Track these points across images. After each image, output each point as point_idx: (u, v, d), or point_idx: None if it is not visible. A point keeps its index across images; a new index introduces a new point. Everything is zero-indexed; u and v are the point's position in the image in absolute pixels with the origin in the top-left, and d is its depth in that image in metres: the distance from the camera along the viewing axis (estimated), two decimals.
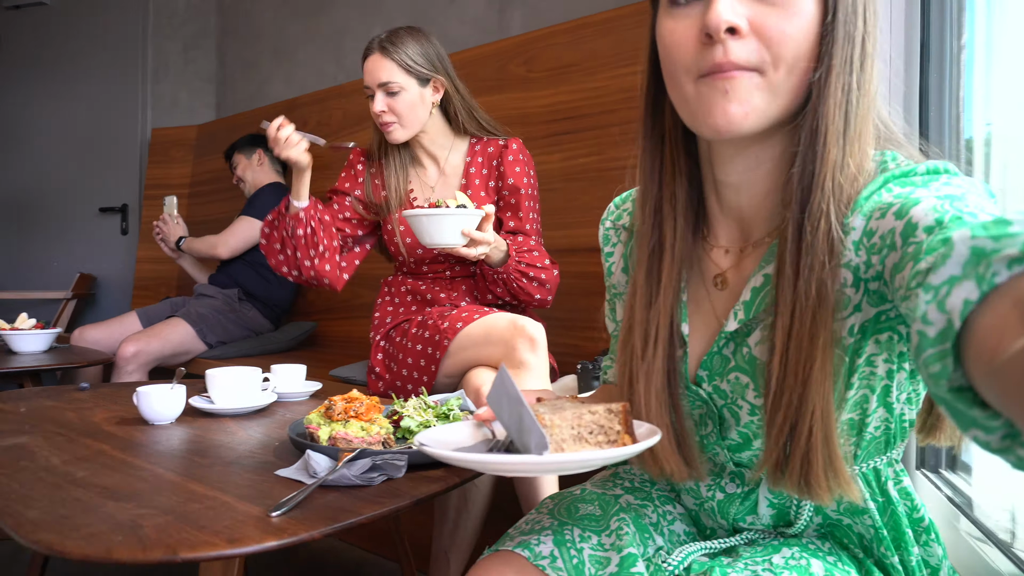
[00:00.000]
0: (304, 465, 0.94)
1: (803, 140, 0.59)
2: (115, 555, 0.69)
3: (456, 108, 1.70)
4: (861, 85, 0.58)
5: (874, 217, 0.57)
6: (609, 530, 0.75)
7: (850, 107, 0.58)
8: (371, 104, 1.65)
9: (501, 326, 1.42)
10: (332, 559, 1.99)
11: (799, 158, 0.59)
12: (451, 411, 1.08)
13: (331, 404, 1.03)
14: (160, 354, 2.30)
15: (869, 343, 0.62)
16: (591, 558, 0.71)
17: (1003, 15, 1.13)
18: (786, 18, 0.57)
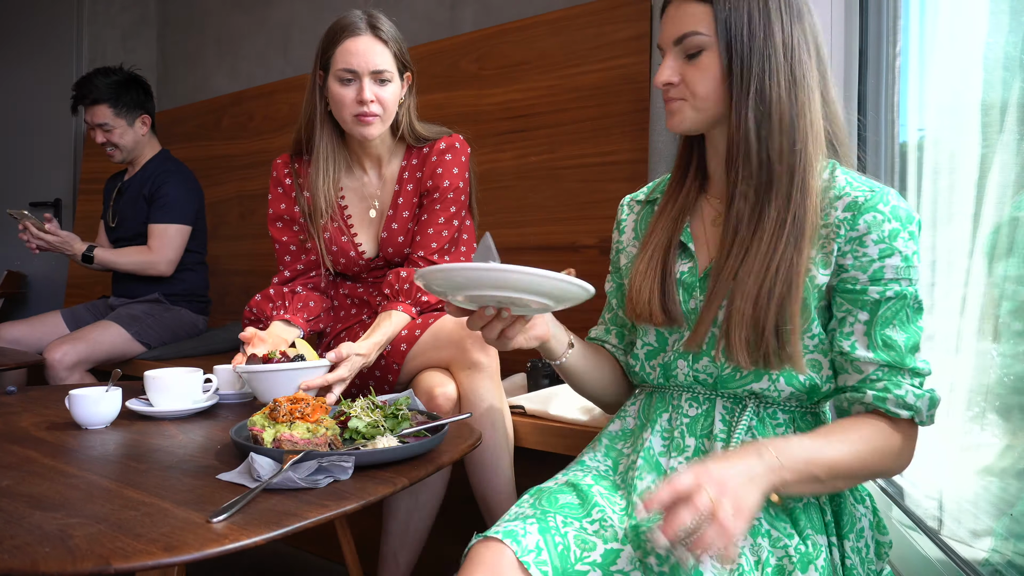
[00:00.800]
0: (247, 468, 0.91)
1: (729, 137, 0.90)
2: (42, 567, 0.65)
3: (406, 110, 1.52)
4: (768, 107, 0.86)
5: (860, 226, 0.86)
6: (592, 519, 0.84)
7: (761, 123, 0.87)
8: (342, 90, 1.41)
9: (449, 328, 1.38)
10: (277, 564, 1.95)
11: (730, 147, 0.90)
12: (400, 411, 1.06)
13: (276, 405, 1.00)
14: (89, 357, 2.20)
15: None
16: (576, 539, 0.81)
17: (935, 24, 1.18)
18: (696, 71, 0.89)
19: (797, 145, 0.85)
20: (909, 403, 0.84)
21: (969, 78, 1.05)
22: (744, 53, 0.86)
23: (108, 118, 2.39)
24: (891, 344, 0.85)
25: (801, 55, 0.86)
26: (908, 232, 0.85)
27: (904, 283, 0.84)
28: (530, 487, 0.95)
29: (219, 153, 3.00)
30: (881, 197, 0.85)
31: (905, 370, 0.85)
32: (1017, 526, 0.90)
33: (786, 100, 0.86)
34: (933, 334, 1.16)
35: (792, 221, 0.85)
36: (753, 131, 0.86)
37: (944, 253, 1.11)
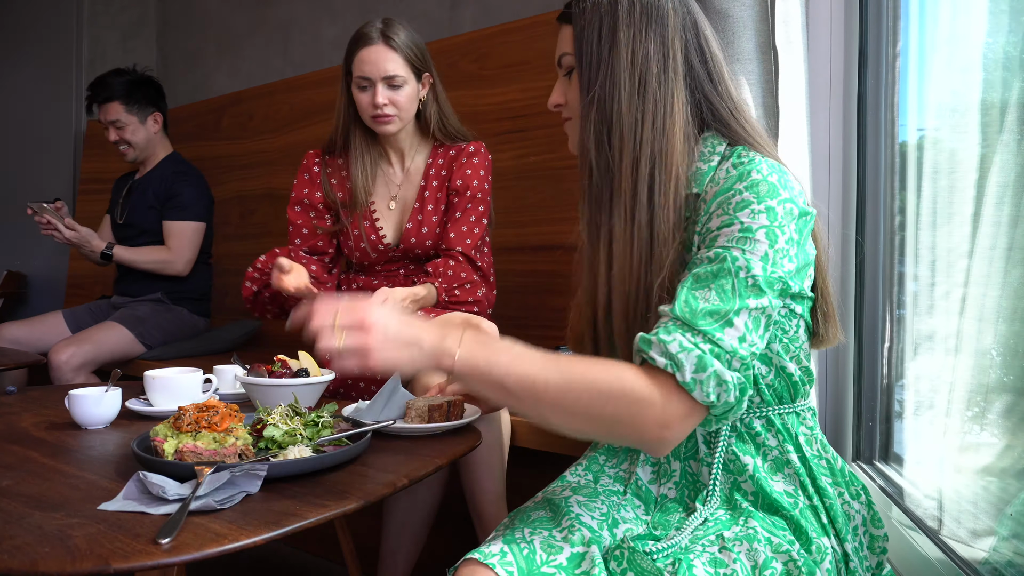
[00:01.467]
0: (142, 488, 0.82)
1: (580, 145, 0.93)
2: (41, 567, 0.65)
3: (430, 111, 1.66)
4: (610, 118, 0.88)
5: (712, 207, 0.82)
6: (561, 527, 0.83)
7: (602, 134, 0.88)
8: (360, 95, 1.57)
9: (452, 323, 1.41)
10: (276, 564, 1.95)
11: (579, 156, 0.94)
12: (321, 418, 1.01)
13: (181, 413, 0.93)
14: (95, 358, 2.20)
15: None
16: (542, 544, 0.81)
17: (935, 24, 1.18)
18: (572, 90, 0.94)
19: (637, 153, 0.85)
20: (670, 351, 0.74)
21: (969, 78, 1.05)
22: (592, 67, 0.88)
23: (120, 114, 2.43)
24: (691, 302, 0.77)
25: (650, 64, 0.85)
26: (764, 206, 0.78)
27: (735, 251, 0.77)
28: (529, 487, 0.95)
29: (219, 153, 3.00)
30: (740, 175, 0.81)
31: (694, 330, 0.75)
32: (1017, 526, 0.90)
33: (626, 111, 0.86)
34: (933, 334, 1.16)
35: (638, 232, 0.84)
36: (593, 142, 0.87)
37: (944, 253, 1.11)
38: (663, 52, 0.86)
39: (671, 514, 0.90)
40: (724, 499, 0.89)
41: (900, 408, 1.28)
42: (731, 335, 0.75)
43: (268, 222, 2.77)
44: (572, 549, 0.81)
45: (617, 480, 0.97)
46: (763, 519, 0.84)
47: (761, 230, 0.78)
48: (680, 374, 0.74)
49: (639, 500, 0.93)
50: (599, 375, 0.75)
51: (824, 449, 0.93)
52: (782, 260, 0.78)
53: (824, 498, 0.88)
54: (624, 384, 0.75)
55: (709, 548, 0.81)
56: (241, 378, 1.25)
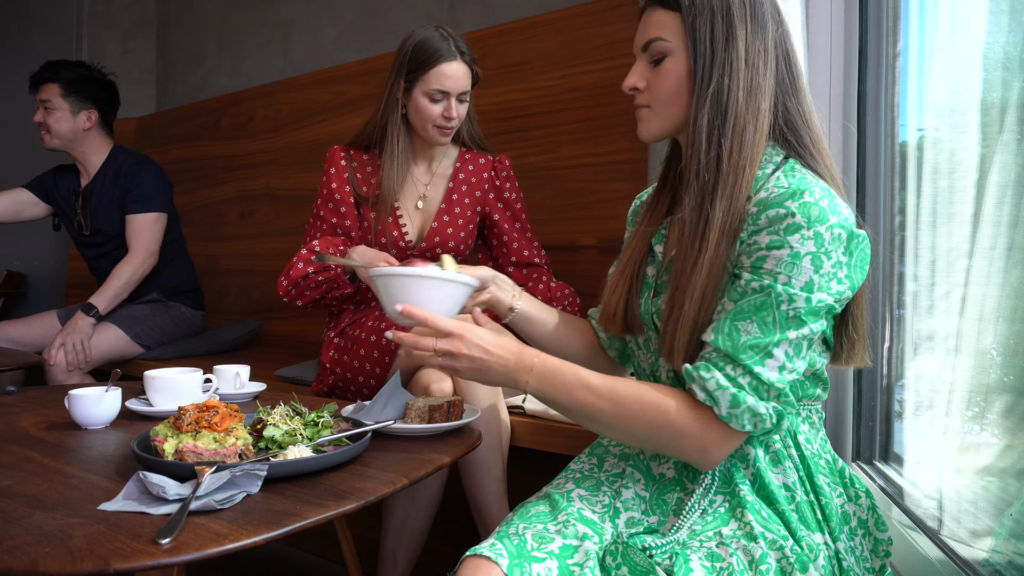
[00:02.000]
0: (142, 488, 0.83)
1: (686, 141, 0.94)
2: (41, 567, 0.65)
3: (468, 116, 1.71)
4: (724, 110, 0.88)
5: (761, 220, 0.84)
6: (557, 521, 0.85)
7: (714, 125, 0.89)
8: (432, 106, 1.58)
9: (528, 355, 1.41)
10: (276, 564, 1.95)
11: (686, 151, 0.95)
12: (321, 418, 1.01)
13: (181, 413, 0.93)
14: (92, 363, 2.20)
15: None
16: (534, 536, 0.83)
17: (935, 24, 1.18)
18: (659, 77, 0.92)
19: (745, 150, 0.88)
20: (708, 388, 0.82)
21: (969, 78, 1.05)
22: (706, 58, 0.89)
23: (53, 96, 2.33)
24: (733, 335, 0.82)
25: (759, 64, 0.89)
26: (813, 232, 0.81)
27: (781, 279, 0.81)
28: (528, 487, 0.96)
29: (219, 153, 3.00)
30: (793, 194, 0.83)
31: (735, 363, 0.81)
32: (1017, 526, 0.90)
33: (742, 105, 0.88)
34: (933, 334, 1.16)
35: (730, 222, 0.87)
36: (705, 132, 0.88)
37: (944, 253, 1.11)
38: (766, 54, 0.89)
39: (668, 493, 0.92)
40: (723, 480, 0.90)
41: (900, 408, 1.28)
42: (771, 366, 0.82)
43: (268, 222, 2.77)
44: (564, 540, 0.83)
45: (621, 458, 0.99)
46: (758, 512, 0.86)
47: (808, 256, 0.81)
48: (717, 409, 0.82)
49: (639, 474, 0.95)
50: (646, 408, 0.85)
51: (824, 449, 0.94)
52: (829, 283, 0.82)
53: (820, 496, 0.89)
54: (668, 417, 0.84)
55: (707, 544, 0.83)
56: (376, 270, 0.96)
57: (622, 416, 0.85)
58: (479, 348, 0.86)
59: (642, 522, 0.91)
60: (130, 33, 3.57)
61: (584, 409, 0.87)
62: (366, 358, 1.54)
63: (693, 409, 0.84)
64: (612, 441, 1.04)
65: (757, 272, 0.83)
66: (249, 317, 2.76)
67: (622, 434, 0.88)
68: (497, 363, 0.87)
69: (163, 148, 3.21)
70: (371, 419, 1.14)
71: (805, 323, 0.82)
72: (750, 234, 0.85)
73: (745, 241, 0.86)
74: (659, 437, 0.85)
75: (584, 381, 0.86)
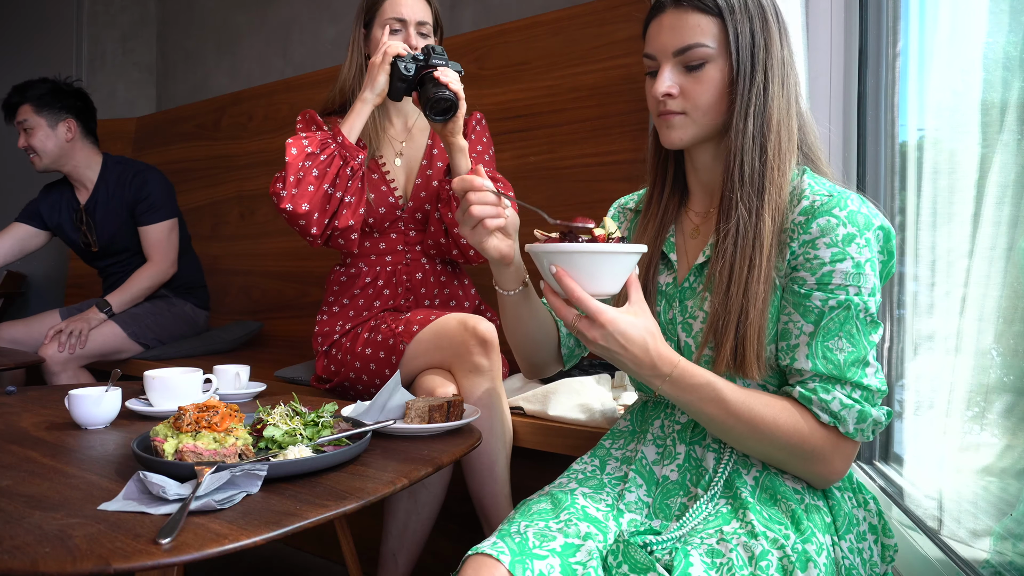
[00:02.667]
0: (143, 488, 0.82)
1: (731, 148, 0.91)
2: (41, 567, 0.65)
3: None
4: (768, 115, 0.89)
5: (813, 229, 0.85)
6: (559, 520, 0.86)
7: (757, 131, 0.89)
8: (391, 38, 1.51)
9: (451, 328, 1.37)
10: (276, 564, 1.95)
11: (729, 158, 0.91)
12: (321, 418, 1.01)
13: (181, 413, 0.93)
14: (83, 354, 2.20)
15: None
16: (536, 534, 0.83)
17: (935, 24, 1.18)
18: (699, 84, 0.90)
19: (784, 154, 0.89)
20: (833, 409, 0.83)
21: (969, 78, 1.05)
22: (747, 63, 0.89)
23: (28, 115, 2.30)
24: (830, 357, 0.84)
25: (789, 69, 0.91)
26: (864, 239, 0.84)
27: (853, 291, 0.84)
28: (529, 487, 0.96)
29: (219, 153, 3.00)
30: (838, 201, 0.85)
31: (844, 381, 0.84)
32: (1017, 526, 0.90)
33: (783, 110, 0.89)
34: (933, 334, 1.16)
35: (778, 228, 0.88)
36: (751, 142, 0.89)
37: (944, 253, 1.11)
38: (792, 58, 0.91)
39: (672, 497, 0.92)
40: (726, 485, 0.91)
41: (900, 408, 1.28)
42: (871, 373, 0.85)
43: (268, 222, 2.77)
44: (567, 539, 0.83)
45: (623, 462, 0.99)
46: (759, 512, 0.86)
47: (867, 263, 0.84)
48: (843, 426, 0.84)
49: (642, 479, 0.95)
50: (784, 430, 0.85)
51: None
52: (879, 283, 0.86)
53: (829, 498, 0.90)
54: (803, 438, 0.85)
55: (707, 540, 0.83)
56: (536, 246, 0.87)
57: (756, 436, 0.86)
58: (616, 341, 0.82)
59: (645, 525, 0.91)
60: (130, 33, 3.57)
61: (718, 424, 0.86)
62: (362, 369, 1.51)
63: (823, 429, 0.85)
64: (613, 444, 1.03)
65: (828, 289, 0.84)
66: (249, 317, 2.75)
67: (752, 451, 0.89)
68: (631, 361, 0.84)
69: (163, 148, 3.21)
70: (371, 419, 1.14)
71: (879, 324, 0.85)
72: (802, 244, 0.86)
73: (798, 253, 0.86)
74: (788, 456, 0.87)
75: (720, 397, 0.85)
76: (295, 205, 1.40)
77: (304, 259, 2.60)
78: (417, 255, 1.64)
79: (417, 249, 1.64)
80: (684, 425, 0.96)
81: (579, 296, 0.81)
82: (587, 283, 0.82)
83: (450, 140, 1.45)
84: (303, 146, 1.42)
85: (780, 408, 0.85)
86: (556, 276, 0.83)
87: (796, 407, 0.86)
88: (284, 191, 1.40)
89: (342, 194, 1.43)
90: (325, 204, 1.42)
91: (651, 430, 0.99)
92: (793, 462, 0.88)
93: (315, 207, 1.41)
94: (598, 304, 0.82)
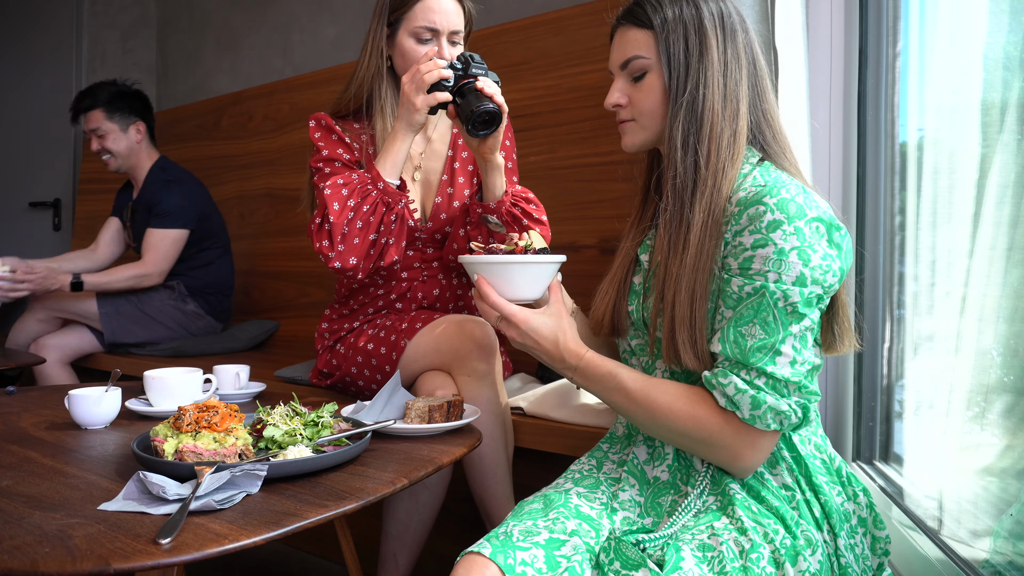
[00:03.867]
0: (143, 488, 0.82)
1: (666, 151, 0.97)
2: (41, 567, 0.65)
3: None
4: (700, 118, 0.92)
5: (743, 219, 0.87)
6: (547, 518, 0.87)
7: (689, 132, 0.93)
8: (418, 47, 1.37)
9: (450, 332, 1.35)
10: (275, 564, 1.95)
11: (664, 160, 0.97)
12: (321, 418, 1.01)
13: (181, 413, 0.93)
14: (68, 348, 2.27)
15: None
16: (521, 532, 0.84)
17: (935, 24, 1.18)
18: (641, 92, 0.98)
19: (723, 152, 0.91)
20: (728, 393, 0.85)
21: (969, 78, 1.05)
22: (680, 71, 0.93)
23: (101, 122, 2.41)
24: (739, 342, 0.85)
25: (733, 70, 0.93)
26: (794, 227, 0.84)
27: (772, 277, 0.83)
28: (529, 487, 0.96)
29: (219, 153, 3.00)
30: (770, 190, 0.86)
31: (748, 367, 0.84)
32: (1017, 526, 0.90)
33: (719, 111, 0.92)
34: (933, 334, 1.16)
35: (712, 222, 0.90)
36: (681, 140, 0.93)
37: (944, 253, 1.11)
38: (737, 62, 0.94)
39: (663, 496, 0.94)
40: (714, 482, 0.92)
41: (900, 408, 1.28)
42: (782, 363, 0.84)
43: (268, 222, 2.77)
44: (551, 535, 0.84)
45: (619, 464, 1.01)
46: (748, 508, 0.88)
47: (793, 252, 0.83)
48: (740, 412, 0.85)
49: (634, 479, 0.97)
50: (679, 415, 0.88)
51: (819, 449, 0.95)
52: (823, 276, 0.84)
53: (819, 495, 0.91)
54: (699, 423, 0.87)
55: (699, 536, 0.85)
56: (466, 258, 0.98)
57: (655, 422, 0.90)
58: (530, 337, 0.94)
59: (637, 523, 0.93)
60: (130, 33, 3.57)
61: (623, 410, 0.93)
62: (364, 363, 1.49)
63: (720, 415, 0.86)
64: (611, 448, 1.05)
65: (747, 274, 0.85)
66: (248, 317, 2.75)
67: (659, 437, 0.94)
68: (544, 353, 0.95)
69: (163, 148, 3.19)
70: (371, 419, 1.14)
71: (804, 315, 0.84)
72: (734, 234, 0.88)
73: (730, 242, 0.89)
74: (691, 442, 0.90)
75: (621, 386, 0.91)
76: (343, 262, 1.32)
77: (304, 259, 2.60)
78: (434, 271, 1.54)
79: (434, 265, 1.53)
80: None
81: (493, 300, 0.94)
82: (506, 290, 0.95)
83: (487, 157, 1.34)
84: (343, 197, 1.31)
85: (678, 395, 0.89)
86: (476, 284, 0.96)
87: (699, 393, 0.88)
88: (332, 252, 1.32)
89: (386, 238, 1.35)
90: (370, 251, 1.34)
91: (642, 432, 1.00)
92: (698, 448, 0.90)
93: (361, 257, 1.34)
94: (511, 307, 0.94)
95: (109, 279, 2.31)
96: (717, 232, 0.89)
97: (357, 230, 1.32)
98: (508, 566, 0.79)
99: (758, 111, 0.95)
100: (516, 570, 0.79)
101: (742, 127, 0.93)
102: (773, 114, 0.97)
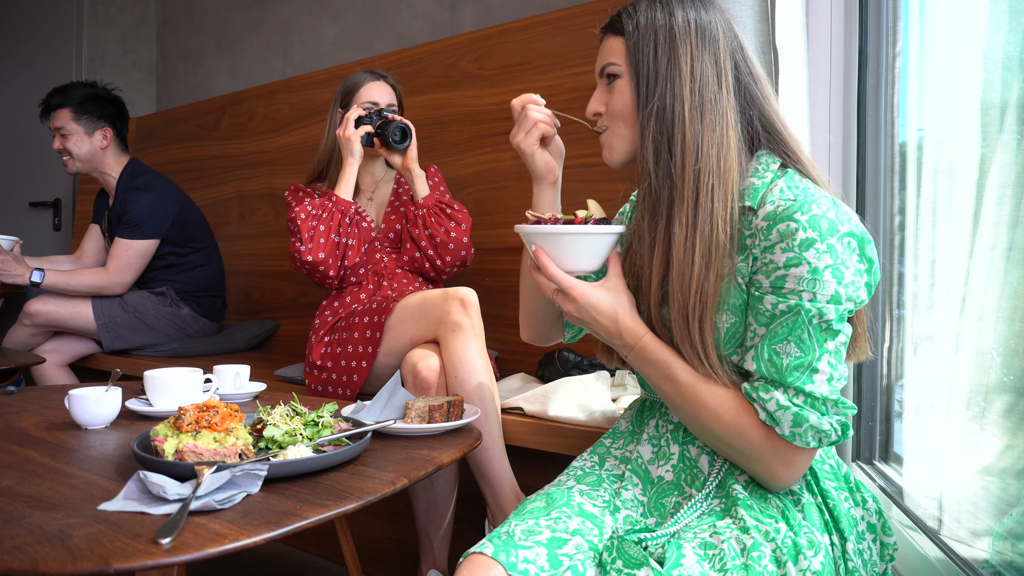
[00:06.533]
0: (143, 488, 0.83)
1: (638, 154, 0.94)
2: (41, 567, 0.65)
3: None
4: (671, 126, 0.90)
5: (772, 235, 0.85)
6: (549, 517, 0.86)
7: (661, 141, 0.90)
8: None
9: (435, 294, 1.52)
10: (275, 564, 1.95)
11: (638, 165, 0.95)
12: (321, 418, 1.02)
13: (181, 413, 0.93)
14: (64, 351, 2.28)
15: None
16: (523, 532, 0.84)
17: (935, 24, 1.18)
18: (612, 95, 0.96)
19: (700, 164, 0.88)
20: (769, 409, 0.83)
21: (969, 78, 1.05)
22: (650, 78, 0.91)
23: (66, 122, 2.34)
24: (775, 360, 0.83)
25: (708, 79, 0.89)
26: (827, 244, 0.82)
27: (806, 296, 0.82)
28: (529, 487, 0.96)
29: (219, 153, 3.00)
30: (801, 205, 0.83)
31: (785, 386, 0.83)
32: (1017, 526, 0.90)
33: (688, 123, 0.89)
34: (933, 334, 1.16)
35: (700, 239, 0.87)
36: (652, 148, 0.90)
37: (944, 253, 1.11)
38: (717, 69, 0.90)
39: (667, 496, 0.94)
40: (719, 486, 0.92)
41: (900, 408, 1.28)
42: (820, 380, 0.82)
43: (268, 222, 2.77)
44: (553, 533, 0.84)
45: (622, 460, 1.01)
46: (750, 508, 0.87)
47: (827, 270, 0.82)
48: (779, 428, 0.84)
49: (637, 479, 0.97)
50: (723, 421, 0.86)
51: (827, 454, 0.95)
52: (856, 293, 0.83)
53: (827, 499, 0.91)
54: (740, 433, 0.86)
55: (700, 535, 0.85)
56: (530, 228, 0.94)
57: (699, 419, 0.88)
58: (587, 312, 0.90)
59: (639, 523, 0.93)
60: (130, 33, 3.57)
61: (669, 401, 0.91)
62: (358, 343, 1.61)
63: (762, 428, 0.85)
64: (613, 443, 1.05)
65: (780, 293, 0.83)
66: (248, 317, 2.75)
67: (700, 436, 0.92)
68: (601, 330, 0.91)
69: (163, 148, 3.21)
70: (371, 419, 1.14)
71: (838, 331, 0.83)
72: (763, 250, 0.85)
73: (759, 258, 0.86)
74: (729, 450, 0.88)
75: (673, 376, 0.89)
76: (314, 256, 1.70)
77: None
78: (398, 276, 1.81)
79: (398, 272, 1.82)
80: (677, 425, 0.97)
81: (551, 273, 0.90)
82: (564, 261, 0.91)
83: (410, 167, 1.75)
84: (308, 210, 1.73)
85: (725, 398, 0.87)
86: (535, 254, 0.91)
87: (742, 403, 0.86)
88: (303, 247, 1.70)
89: (346, 239, 1.74)
90: (335, 250, 1.72)
91: (647, 430, 1.00)
92: (735, 457, 0.89)
93: (328, 253, 1.72)
94: (570, 280, 0.90)
95: (69, 281, 2.26)
96: (717, 251, 0.87)
97: (321, 231, 1.72)
98: (510, 564, 0.79)
99: (753, 119, 0.92)
100: (519, 568, 0.79)
101: (728, 138, 0.88)
102: (774, 118, 0.93)
